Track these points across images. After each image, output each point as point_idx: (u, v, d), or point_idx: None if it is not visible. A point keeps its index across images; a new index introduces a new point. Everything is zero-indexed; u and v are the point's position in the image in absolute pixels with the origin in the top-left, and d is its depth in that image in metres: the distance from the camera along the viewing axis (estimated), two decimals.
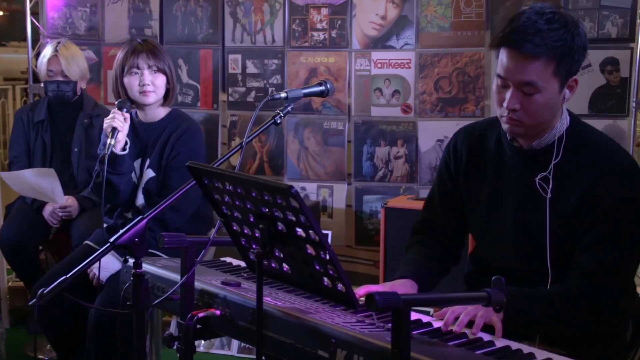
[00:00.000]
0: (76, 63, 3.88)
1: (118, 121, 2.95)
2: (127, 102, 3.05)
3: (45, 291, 1.87)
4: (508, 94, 2.00)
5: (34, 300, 1.87)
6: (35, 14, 4.82)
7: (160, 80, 3.12)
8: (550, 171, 2.07)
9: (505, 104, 2.01)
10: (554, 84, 1.98)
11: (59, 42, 3.90)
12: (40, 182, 3.68)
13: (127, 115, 3.00)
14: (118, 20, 4.61)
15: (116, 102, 3.04)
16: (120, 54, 3.15)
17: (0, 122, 8.18)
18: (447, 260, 2.38)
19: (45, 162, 3.95)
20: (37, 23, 4.79)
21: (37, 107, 4.02)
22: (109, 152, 2.92)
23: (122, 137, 3.00)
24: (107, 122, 2.96)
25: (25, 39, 4.95)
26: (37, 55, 4.34)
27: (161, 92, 3.14)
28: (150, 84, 3.09)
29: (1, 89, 9.42)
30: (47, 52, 3.88)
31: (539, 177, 2.08)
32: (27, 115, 4.01)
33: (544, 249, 2.06)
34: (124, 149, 3.03)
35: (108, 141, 2.93)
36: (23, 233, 3.82)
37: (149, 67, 3.10)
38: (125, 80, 3.11)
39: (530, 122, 2.01)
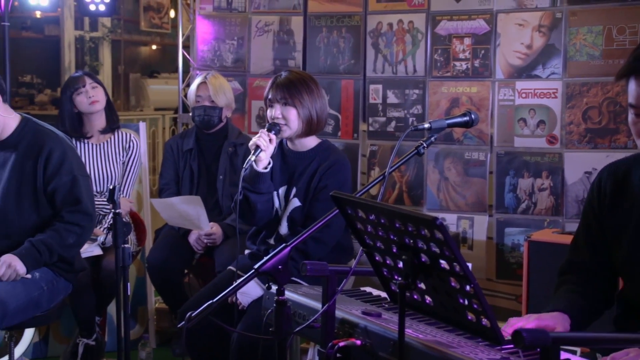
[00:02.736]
0: (223, 92, 4.05)
1: (262, 140, 3.00)
2: (277, 125, 3.10)
3: (193, 314, 1.93)
4: None
5: (183, 322, 1.93)
6: (186, 47, 5.05)
7: (292, 113, 3.11)
8: None
9: None
10: None
11: (208, 73, 4.09)
12: (187, 209, 3.82)
13: (273, 137, 3.04)
14: (263, 52, 4.76)
15: (267, 124, 3.11)
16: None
17: (151, 149, 8.58)
18: (599, 301, 2.25)
19: (193, 188, 4.10)
20: (187, 56, 5.02)
21: (186, 136, 4.19)
22: (247, 167, 3.00)
23: (264, 156, 3.03)
24: (252, 140, 3.04)
25: (175, 71, 5.19)
26: (187, 86, 4.54)
27: (294, 124, 3.11)
28: (281, 117, 3.11)
29: (152, 118, 9.92)
30: (197, 80, 4.09)
31: None
32: (176, 144, 4.19)
33: None
34: (265, 168, 3.09)
35: (249, 157, 3.01)
36: (169, 257, 3.97)
37: (278, 100, 3.13)
38: (267, 112, 3.19)
39: None
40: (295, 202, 3.17)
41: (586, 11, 3.93)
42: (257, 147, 3.00)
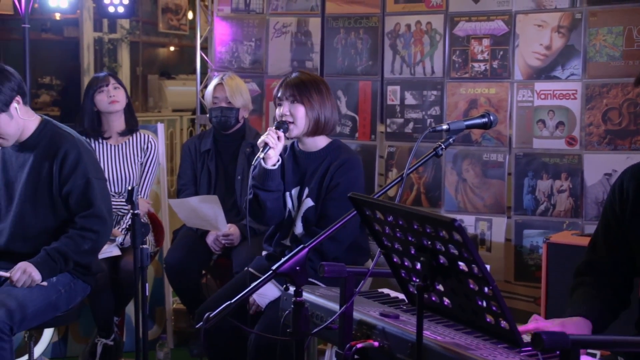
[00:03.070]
0: (240, 93, 4.05)
1: (271, 137, 3.03)
2: (286, 123, 3.12)
3: (211, 315, 1.93)
4: None
5: (201, 323, 1.93)
6: (204, 48, 5.07)
7: (300, 111, 3.13)
8: None
9: None
10: None
11: (225, 74, 4.10)
12: (205, 209, 3.82)
13: (282, 135, 3.07)
14: (281, 54, 4.76)
15: (275, 122, 3.14)
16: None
17: (169, 150, 8.62)
18: (616, 303, 2.24)
19: (210, 189, 4.11)
20: (205, 57, 5.03)
21: (204, 137, 4.21)
22: (256, 164, 3.03)
23: (273, 153, 3.07)
24: (261, 138, 3.06)
25: (193, 72, 5.21)
26: (205, 87, 4.55)
27: (301, 122, 3.13)
28: (289, 115, 3.13)
29: (170, 119, 9.96)
30: (213, 82, 4.10)
31: None
32: (194, 145, 4.21)
33: None
34: (273, 166, 3.10)
35: (258, 154, 3.02)
36: (187, 258, 3.98)
37: (287, 98, 3.14)
38: (276, 111, 3.21)
39: None
40: (309, 202, 3.19)
41: (606, 12, 3.90)
42: (266, 144, 3.03)
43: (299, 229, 3.22)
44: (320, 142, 3.25)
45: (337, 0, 4.59)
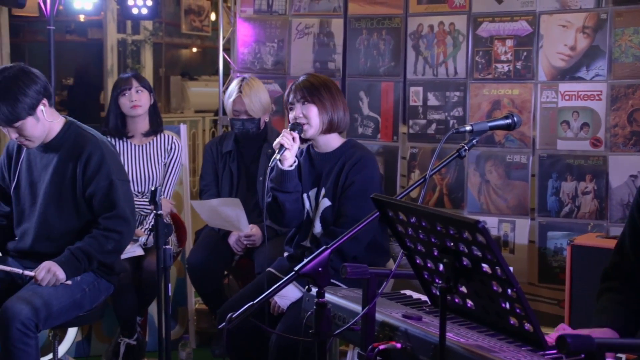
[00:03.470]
0: (259, 100, 4.01)
1: (286, 139, 3.07)
2: (300, 125, 3.14)
3: (234, 315, 1.94)
4: None
5: (224, 324, 1.94)
6: (226, 49, 5.08)
7: (312, 111, 3.15)
8: None
9: None
10: None
11: (243, 80, 4.04)
12: (227, 211, 3.83)
13: (296, 136, 3.10)
14: (303, 55, 4.76)
15: (289, 125, 3.16)
16: None
17: (191, 151, 8.66)
18: None
19: (232, 190, 4.12)
20: (228, 58, 5.04)
21: (225, 139, 4.21)
22: (272, 165, 3.07)
23: (289, 155, 3.10)
24: (276, 141, 3.09)
25: (215, 73, 5.22)
26: (227, 89, 4.56)
27: (315, 122, 3.15)
28: (302, 116, 3.15)
29: (192, 120, 10.01)
30: (232, 90, 4.04)
31: None
32: (216, 146, 4.21)
33: None
34: (290, 166, 3.11)
35: (274, 156, 3.05)
36: (209, 258, 3.99)
37: (298, 100, 3.17)
38: (289, 115, 3.23)
39: None
40: (326, 202, 3.20)
41: (632, 12, 3.86)
42: (282, 146, 3.06)
43: (317, 228, 3.24)
44: (335, 142, 3.26)
45: (359, 1, 4.58)
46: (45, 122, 3.12)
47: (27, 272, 3.07)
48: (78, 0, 5.79)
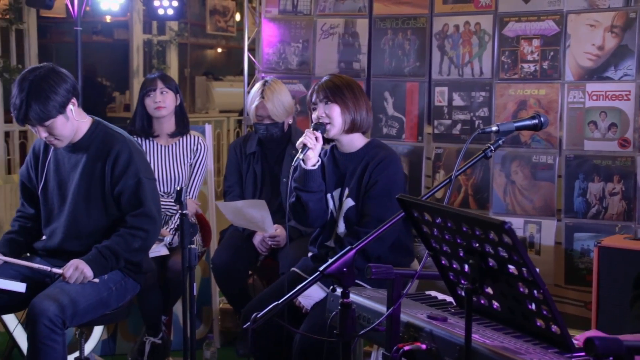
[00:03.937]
0: (281, 104, 3.99)
1: (309, 139, 3.08)
2: (323, 125, 3.16)
3: (258, 315, 1.94)
4: None
5: (248, 323, 1.94)
6: (251, 50, 5.09)
7: (335, 110, 3.16)
8: None
9: None
10: None
11: (264, 83, 4.03)
12: (252, 213, 3.84)
13: (319, 135, 3.12)
14: (328, 55, 4.75)
15: (312, 124, 3.18)
16: None
17: (216, 151, 8.69)
18: None
19: (256, 191, 4.12)
20: (253, 59, 5.05)
21: (249, 139, 4.22)
22: (295, 165, 3.08)
23: (312, 154, 3.12)
24: (299, 140, 3.11)
25: (240, 74, 5.23)
26: (251, 89, 4.57)
27: (338, 121, 3.17)
28: (325, 116, 3.16)
29: (217, 120, 10.05)
30: (254, 95, 4.02)
31: None
32: (239, 147, 4.22)
33: None
34: (313, 166, 3.12)
35: (297, 156, 3.06)
36: (234, 258, 4.00)
37: (321, 100, 3.19)
38: (312, 115, 3.25)
39: None
40: (349, 202, 3.20)
41: None
42: (305, 145, 3.07)
43: (341, 228, 3.25)
44: (358, 142, 3.26)
45: (384, 1, 4.57)
46: (74, 121, 3.15)
47: (55, 270, 3.10)
48: (105, 1, 5.83)
